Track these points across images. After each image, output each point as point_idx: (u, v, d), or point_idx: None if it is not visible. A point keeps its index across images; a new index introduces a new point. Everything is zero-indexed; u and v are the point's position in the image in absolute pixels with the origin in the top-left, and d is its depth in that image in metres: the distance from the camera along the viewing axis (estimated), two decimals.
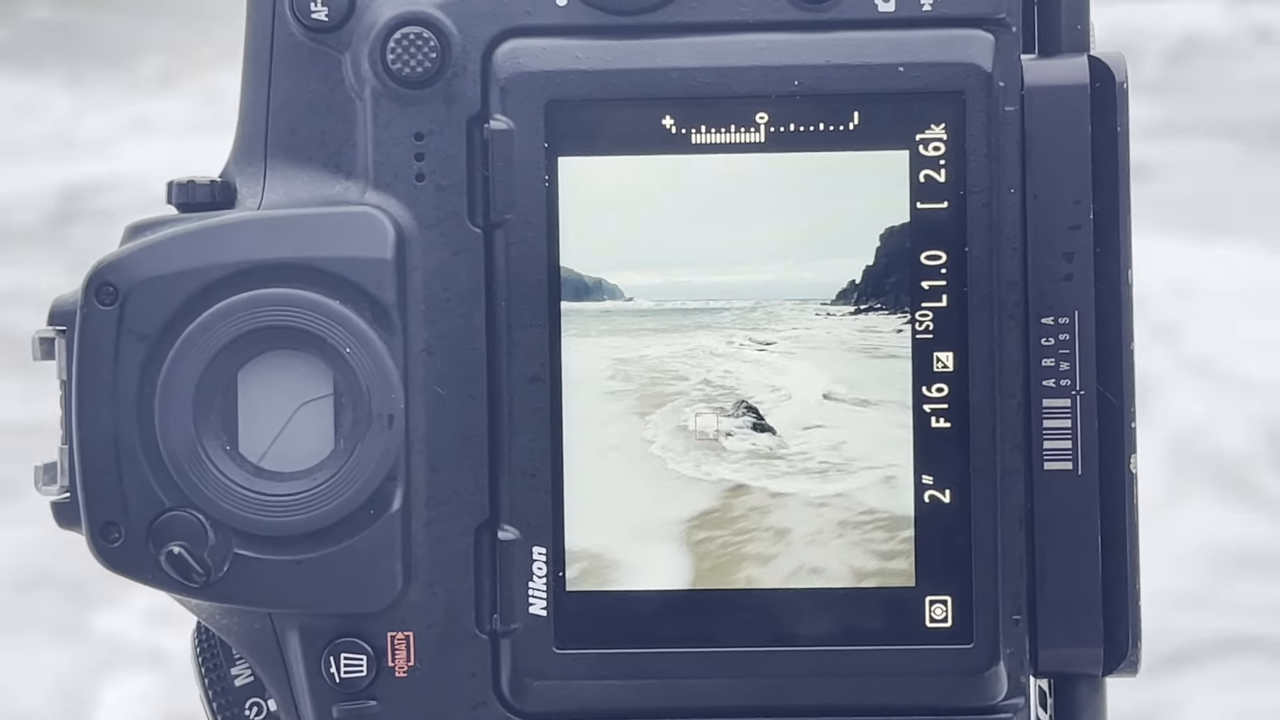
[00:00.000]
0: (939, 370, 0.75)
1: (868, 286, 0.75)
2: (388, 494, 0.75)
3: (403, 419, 0.75)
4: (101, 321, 0.75)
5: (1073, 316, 0.76)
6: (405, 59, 0.76)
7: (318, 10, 0.76)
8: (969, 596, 0.75)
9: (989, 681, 0.75)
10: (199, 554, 0.74)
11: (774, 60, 0.75)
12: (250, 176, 0.77)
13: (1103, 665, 0.76)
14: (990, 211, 0.75)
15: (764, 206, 0.75)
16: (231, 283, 0.75)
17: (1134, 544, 0.76)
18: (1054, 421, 0.76)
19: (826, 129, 0.75)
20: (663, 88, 0.75)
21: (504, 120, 0.75)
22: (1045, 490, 0.76)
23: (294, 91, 0.77)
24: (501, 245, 0.76)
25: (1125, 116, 0.76)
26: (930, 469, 0.75)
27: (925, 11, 0.76)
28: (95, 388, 0.75)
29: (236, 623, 0.77)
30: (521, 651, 0.76)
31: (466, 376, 0.76)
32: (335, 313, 0.75)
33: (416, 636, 0.76)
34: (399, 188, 0.76)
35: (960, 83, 0.75)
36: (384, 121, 0.76)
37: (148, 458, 0.75)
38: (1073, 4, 0.77)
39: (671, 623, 0.76)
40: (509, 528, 0.76)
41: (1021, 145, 0.75)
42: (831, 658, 0.75)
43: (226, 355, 0.75)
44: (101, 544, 0.75)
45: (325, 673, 0.76)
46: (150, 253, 0.75)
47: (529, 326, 0.75)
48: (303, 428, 0.75)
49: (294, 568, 0.75)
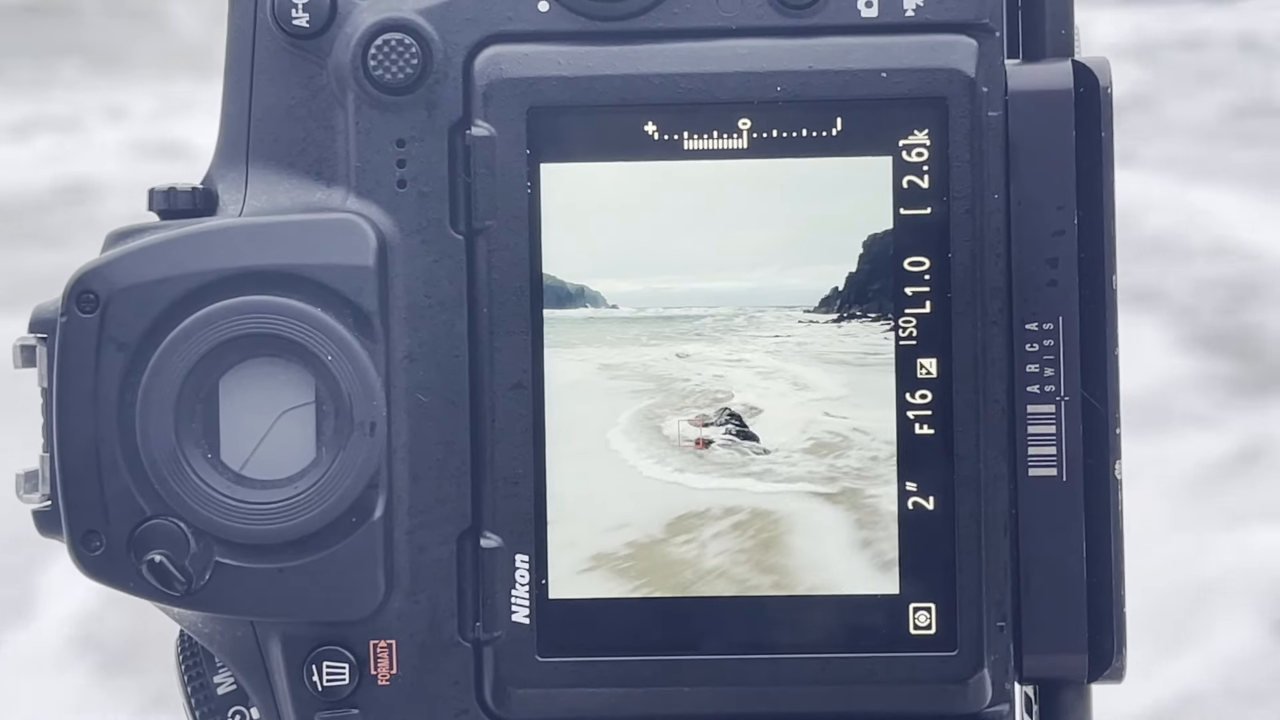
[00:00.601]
0: (923, 377, 0.75)
1: (851, 293, 0.75)
2: (369, 502, 0.75)
3: (385, 426, 0.75)
4: (82, 329, 0.74)
5: (1057, 322, 0.76)
6: (387, 65, 0.76)
7: (299, 17, 0.76)
8: (953, 603, 0.75)
9: (973, 688, 0.75)
10: (180, 562, 0.74)
11: (757, 66, 0.75)
12: (232, 183, 0.77)
13: (1088, 672, 0.76)
14: (974, 217, 0.75)
15: (747, 213, 0.75)
16: (213, 290, 0.74)
17: (1119, 550, 0.76)
18: (1038, 427, 0.76)
19: (809, 135, 0.75)
20: (645, 94, 0.75)
21: (486, 126, 0.75)
22: (1030, 497, 0.76)
23: (276, 98, 0.77)
24: (483, 252, 0.75)
25: (1109, 121, 0.76)
26: (914, 476, 0.75)
27: (908, 17, 0.75)
28: (76, 395, 0.75)
29: (219, 631, 0.77)
30: (504, 659, 0.76)
31: (448, 384, 0.76)
32: (317, 320, 0.74)
33: (399, 645, 0.76)
34: (381, 194, 0.76)
35: (943, 88, 0.75)
36: (365, 128, 0.76)
37: (129, 466, 0.74)
38: (1057, 9, 0.77)
39: (654, 630, 0.75)
40: (491, 535, 0.75)
41: (1005, 151, 0.75)
42: (815, 665, 0.75)
43: (208, 363, 0.75)
44: (83, 552, 0.75)
45: (307, 681, 0.76)
46: (131, 260, 0.75)
47: (511, 334, 0.75)
48: (284, 435, 0.75)
49: (276, 576, 0.75)
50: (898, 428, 0.75)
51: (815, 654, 0.75)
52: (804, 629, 0.75)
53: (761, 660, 0.75)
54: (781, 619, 0.75)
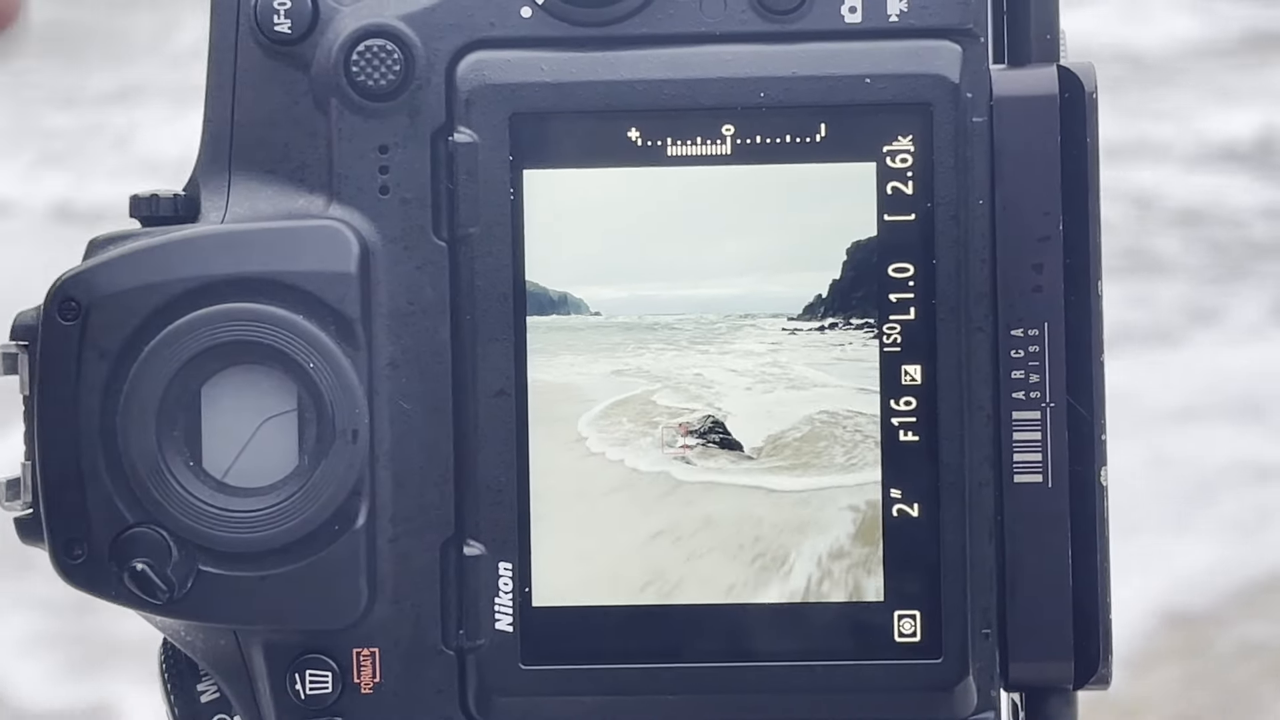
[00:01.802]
0: (907, 383, 0.75)
1: (835, 300, 0.75)
2: (352, 509, 0.74)
3: (367, 434, 0.74)
4: (63, 337, 0.74)
5: (1042, 328, 0.75)
6: (369, 72, 0.75)
7: (281, 23, 0.76)
8: (938, 611, 0.75)
9: (958, 696, 0.75)
10: (162, 570, 0.74)
11: (740, 72, 0.75)
12: (214, 190, 0.77)
13: (1074, 679, 0.76)
14: (958, 223, 0.75)
15: (731, 220, 0.75)
16: (194, 297, 0.74)
17: (1105, 556, 0.76)
18: (1024, 434, 0.76)
19: (793, 141, 0.75)
20: (628, 100, 0.75)
21: (468, 133, 0.75)
22: (1015, 503, 0.75)
23: (258, 104, 0.77)
24: (466, 259, 0.75)
25: (1095, 127, 0.75)
26: (898, 483, 0.75)
27: (892, 22, 0.75)
28: (58, 403, 0.74)
29: (201, 639, 0.77)
30: (488, 667, 0.75)
31: (432, 391, 0.75)
32: (299, 327, 0.74)
33: (382, 653, 0.76)
34: (363, 201, 0.76)
35: (927, 94, 0.74)
36: (348, 134, 0.76)
37: (111, 474, 0.74)
38: (1042, 14, 0.76)
39: (638, 638, 0.75)
40: (475, 543, 0.75)
41: (990, 156, 0.75)
42: (800, 673, 0.75)
43: (190, 370, 0.74)
44: (65, 561, 0.75)
45: (290, 689, 0.76)
46: (113, 267, 0.74)
47: (494, 341, 0.75)
48: (266, 443, 0.75)
49: (258, 584, 0.74)
50: (882, 434, 0.75)
51: (799, 661, 0.75)
52: (788, 636, 0.75)
53: (745, 668, 0.75)
54: (765, 626, 0.75)
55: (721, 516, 0.75)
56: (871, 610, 0.75)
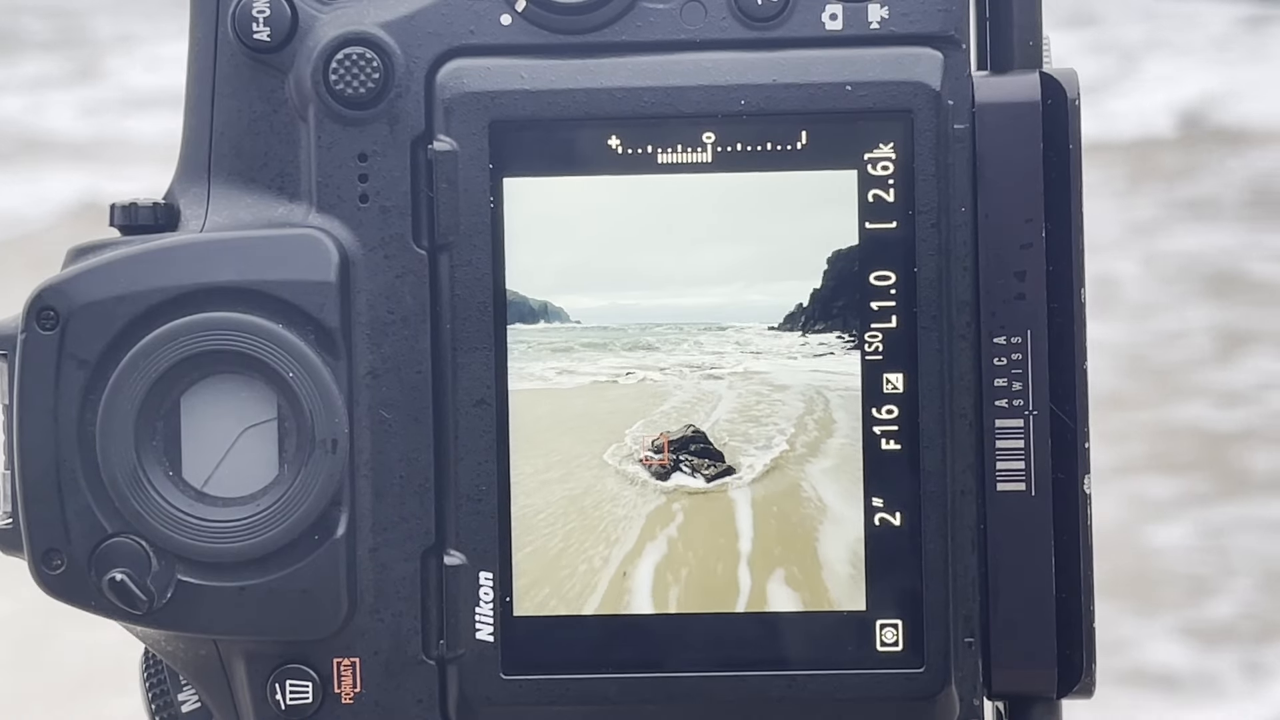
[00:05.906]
0: (889, 392, 0.75)
1: (816, 308, 0.74)
2: (332, 519, 0.74)
3: (347, 443, 0.74)
4: (42, 346, 0.74)
5: (1025, 336, 0.75)
6: (348, 80, 0.75)
7: (260, 31, 0.75)
8: (920, 619, 0.75)
9: (941, 705, 0.75)
10: (142, 580, 0.74)
11: (720, 79, 0.74)
12: (194, 198, 0.77)
13: (1057, 687, 0.76)
14: (940, 231, 0.74)
15: (712, 228, 0.75)
16: (174, 306, 0.74)
17: (1088, 565, 0.76)
18: (1006, 442, 0.75)
19: (774, 149, 0.74)
20: (608, 108, 0.74)
21: (448, 141, 0.75)
22: (998, 511, 0.75)
23: (237, 112, 0.76)
24: (446, 267, 0.75)
25: (1078, 133, 0.75)
26: (880, 491, 0.75)
27: (873, 30, 0.75)
28: (36, 413, 0.74)
29: (182, 649, 0.76)
30: (468, 677, 0.75)
31: (412, 400, 0.75)
32: (278, 337, 0.74)
33: (363, 663, 0.75)
34: (343, 209, 0.75)
35: (908, 101, 0.74)
36: (327, 142, 0.75)
37: (89, 484, 0.74)
38: (1025, 20, 0.76)
39: (619, 648, 0.75)
40: (455, 553, 0.75)
41: (972, 163, 0.75)
42: (781, 682, 0.75)
43: (169, 380, 0.74)
44: (44, 571, 0.74)
45: (271, 699, 0.75)
46: (91, 276, 0.74)
47: (474, 349, 0.75)
48: (246, 453, 0.75)
49: (238, 594, 0.74)
50: (864, 443, 0.75)
51: (781, 671, 0.75)
52: (770, 646, 0.75)
53: (727, 677, 0.75)
54: (747, 635, 0.75)
55: (701, 526, 0.75)
56: (853, 619, 0.75)
